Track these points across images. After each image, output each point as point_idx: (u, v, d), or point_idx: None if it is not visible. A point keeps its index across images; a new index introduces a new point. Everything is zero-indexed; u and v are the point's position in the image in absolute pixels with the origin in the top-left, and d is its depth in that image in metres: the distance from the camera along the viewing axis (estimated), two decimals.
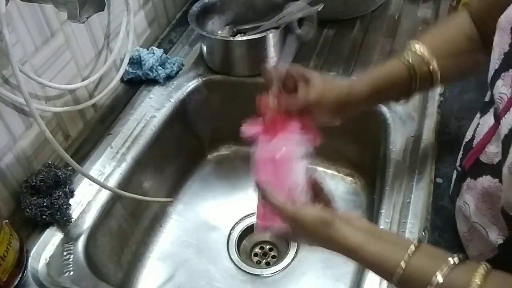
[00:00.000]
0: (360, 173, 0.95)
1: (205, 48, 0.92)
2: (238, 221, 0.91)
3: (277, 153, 0.54)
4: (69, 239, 0.68)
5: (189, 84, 0.91)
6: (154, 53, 0.90)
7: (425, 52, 0.60)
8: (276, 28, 0.87)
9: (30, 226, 0.68)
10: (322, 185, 0.56)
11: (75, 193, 0.72)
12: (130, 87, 0.91)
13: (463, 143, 0.58)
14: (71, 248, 0.67)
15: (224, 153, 1.03)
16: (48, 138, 0.62)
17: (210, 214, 0.92)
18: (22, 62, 0.67)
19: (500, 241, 0.49)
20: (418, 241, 0.46)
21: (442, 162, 0.71)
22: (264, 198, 0.53)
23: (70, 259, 0.65)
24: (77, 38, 0.77)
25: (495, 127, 0.49)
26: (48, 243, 0.67)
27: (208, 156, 1.02)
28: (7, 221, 0.61)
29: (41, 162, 0.73)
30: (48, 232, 0.68)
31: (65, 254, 0.66)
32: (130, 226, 0.81)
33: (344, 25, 1.01)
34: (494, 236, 0.50)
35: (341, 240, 0.48)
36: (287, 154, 0.54)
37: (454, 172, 0.61)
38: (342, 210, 0.53)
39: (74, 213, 0.70)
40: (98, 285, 0.64)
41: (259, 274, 0.83)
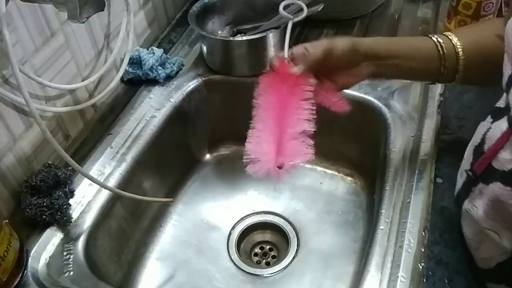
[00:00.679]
0: (360, 173, 0.95)
1: (205, 48, 0.92)
2: (238, 221, 0.91)
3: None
4: (69, 239, 0.68)
5: (189, 84, 0.91)
6: (154, 53, 0.90)
7: (452, 36, 0.61)
8: (276, 28, 0.87)
9: (30, 226, 0.68)
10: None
11: (75, 193, 0.72)
12: (130, 87, 0.91)
13: (473, 147, 0.57)
14: (71, 248, 0.67)
15: (224, 153, 1.03)
16: (48, 138, 0.62)
17: (210, 214, 0.92)
18: (22, 62, 0.67)
19: None
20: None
21: (442, 162, 0.71)
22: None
23: (70, 259, 0.65)
24: (77, 38, 0.77)
25: (509, 133, 0.48)
26: (48, 243, 0.67)
27: (208, 156, 1.02)
28: (7, 221, 0.61)
29: (41, 162, 0.73)
30: (48, 232, 0.68)
31: (65, 254, 0.66)
32: (130, 226, 0.81)
33: (344, 25, 1.01)
34: (506, 241, 0.49)
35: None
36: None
37: (459, 174, 0.60)
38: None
39: (74, 213, 0.70)
40: (98, 285, 0.64)
41: (259, 274, 0.83)
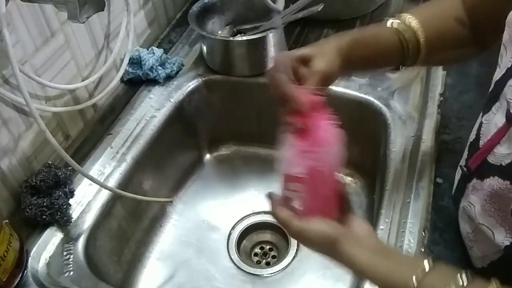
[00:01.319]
0: (360, 173, 0.94)
1: (205, 48, 0.92)
2: (238, 221, 0.91)
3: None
4: (69, 239, 0.68)
5: (189, 84, 0.91)
6: (154, 53, 0.90)
7: (412, 22, 0.60)
8: (276, 28, 0.87)
9: (30, 226, 0.68)
10: (347, 194, 0.54)
11: (75, 193, 0.72)
12: (130, 87, 0.91)
13: (468, 143, 0.57)
14: (71, 248, 0.67)
15: (224, 153, 1.03)
16: (48, 138, 0.62)
17: (210, 214, 0.92)
18: (22, 62, 0.67)
19: (506, 242, 0.49)
20: (428, 261, 0.45)
21: (442, 162, 0.71)
22: (271, 211, 0.52)
23: (70, 259, 0.65)
24: (77, 38, 0.77)
25: (506, 128, 0.47)
26: (48, 243, 0.67)
27: (208, 156, 1.02)
28: (7, 221, 0.61)
29: (41, 162, 0.73)
30: (48, 232, 0.68)
31: (65, 254, 0.66)
32: (130, 226, 0.81)
33: (344, 25, 1.01)
34: (500, 238, 0.49)
35: (345, 260, 0.47)
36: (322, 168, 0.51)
37: (457, 172, 0.61)
38: (357, 221, 0.51)
39: (74, 213, 0.70)
40: (98, 285, 0.63)
41: (259, 274, 0.83)
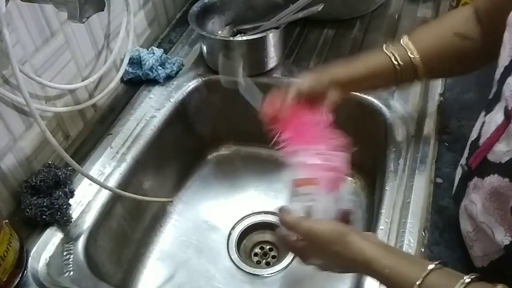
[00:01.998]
0: (360, 173, 0.94)
1: (205, 48, 0.92)
2: (238, 221, 0.91)
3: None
4: (69, 239, 0.68)
5: (189, 84, 0.91)
6: (154, 53, 0.90)
7: (408, 43, 0.63)
8: (276, 28, 0.87)
9: (30, 226, 0.68)
10: (349, 210, 0.58)
11: (75, 193, 0.72)
12: (130, 87, 0.91)
13: (469, 142, 0.58)
14: (71, 248, 0.67)
15: (224, 153, 1.03)
16: (48, 138, 0.62)
17: (210, 214, 0.92)
18: (22, 62, 0.67)
19: (506, 242, 0.49)
20: (436, 262, 0.46)
21: (442, 162, 0.71)
22: (279, 218, 0.56)
23: (70, 259, 0.65)
24: (77, 38, 0.77)
25: (505, 126, 0.48)
26: (48, 243, 0.67)
27: (208, 156, 1.02)
28: (7, 221, 0.61)
29: (41, 162, 0.73)
30: (48, 232, 0.68)
31: (65, 254, 0.66)
32: (130, 226, 0.81)
33: (344, 25, 1.01)
34: (500, 236, 0.49)
35: (357, 251, 0.48)
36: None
37: (457, 171, 0.61)
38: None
39: (74, 213, 0.70)
40: (98, 285, 0.63)
41: (259, 274, 0.83)
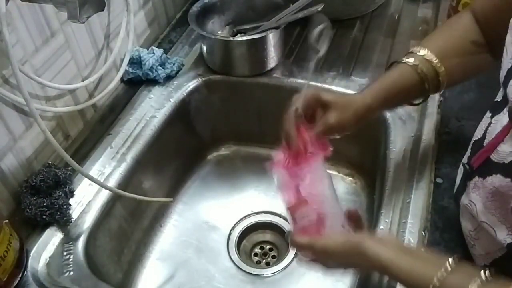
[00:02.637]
0: (360, 173, 0.95)
1: (205, 48, 0.92)
2: (238, 221, 0.91)
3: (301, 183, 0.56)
4: (69, 239, 0.68)
5: (189, 84, 0.91)
6: (154, 53, 0.90)
7: (433, 58, 0.61)
8: (276, 28, 0.87)
9: (30, 226, 0.68)
10: (358, 212, 0.57)
11: (75, 193, 0.72)
12: (130, 87, 0.91)
13: (472, 142, 0.58)
14: (71, 248, 0.67)
15: (224, 153, 1.03)
16: (48, 138, 0.62)
17: (210, 214, 0.92)
18: (22, 62, 0.67)
19: (509, 240, 0.49)
20: (452, 260, 0.46)
21: (442, 162, 0.71)
22: (291, 243, 0.56)
23: (70, 259, 0.65)
24: (77, 38, 0.77)
25: (509, 127, 0.48)
26: (48, 243, 0.67)
27: (208, 156, 1.02)
28: (7, 221, 0.61)
29: (41, 162, 0.73)
30: (48, 232, 0.68)
31: (65, 254, 0.66)
32: (130, 226, 0.81)
33: (344, 25, 1.01)
34: (502, 235, 0.49)
35: (373, 257, 0.48)
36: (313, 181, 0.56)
37: (459, 171, 0.61)
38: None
39: (74, 213, 0.70)
40: (98, 285, 0.63)
41: (259, 274, 0.83)
